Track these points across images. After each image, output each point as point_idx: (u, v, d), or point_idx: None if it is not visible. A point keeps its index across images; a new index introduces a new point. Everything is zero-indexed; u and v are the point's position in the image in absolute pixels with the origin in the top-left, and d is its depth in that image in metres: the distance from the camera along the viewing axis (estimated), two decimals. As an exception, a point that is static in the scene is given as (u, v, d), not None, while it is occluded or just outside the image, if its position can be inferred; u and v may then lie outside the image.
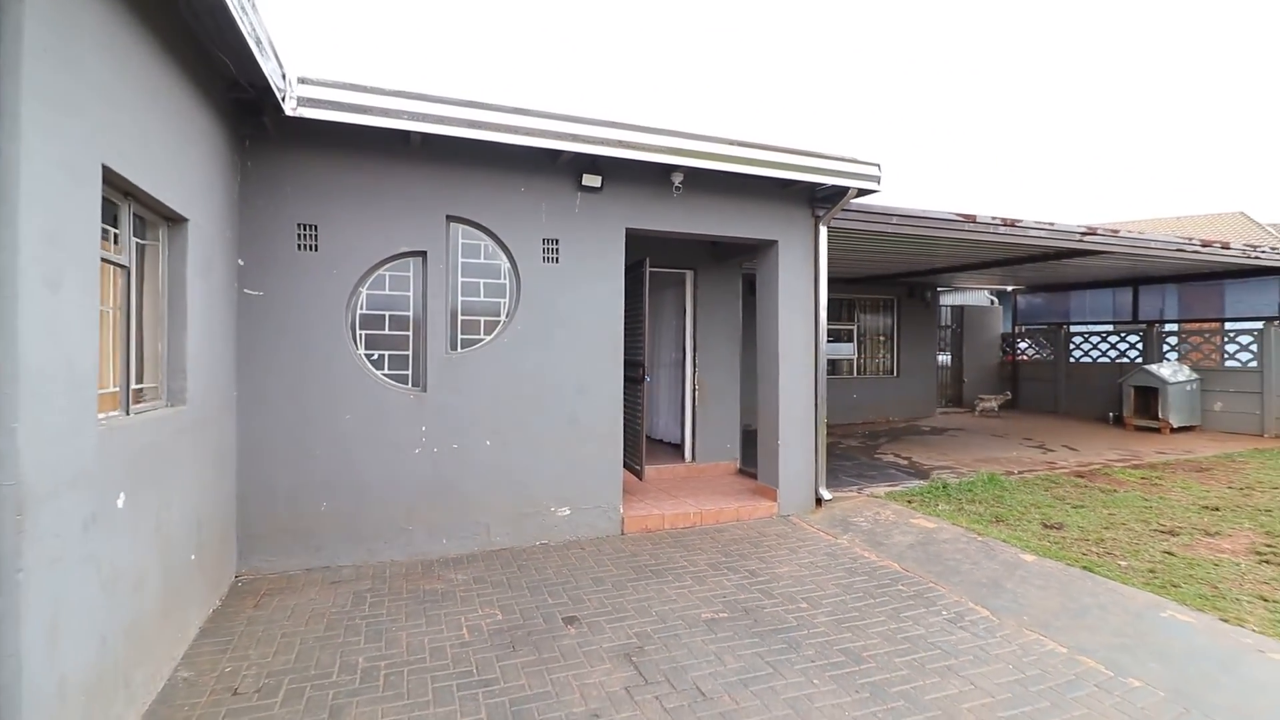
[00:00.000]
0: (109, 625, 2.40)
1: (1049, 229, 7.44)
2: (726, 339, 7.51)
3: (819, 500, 6.01)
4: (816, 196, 5.96)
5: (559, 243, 5.09)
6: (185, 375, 3.26)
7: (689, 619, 3.67)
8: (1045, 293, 14.85)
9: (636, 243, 5.68)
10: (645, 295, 5.81)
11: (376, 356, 4.69)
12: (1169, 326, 12.73)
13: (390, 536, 4.57)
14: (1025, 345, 14.74)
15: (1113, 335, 12.98)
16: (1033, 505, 6.08)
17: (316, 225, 4.43)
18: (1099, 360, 13.13)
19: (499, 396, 4.88)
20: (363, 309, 4.66)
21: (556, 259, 5.09)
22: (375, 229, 4.56)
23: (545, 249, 5.05)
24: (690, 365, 7.42)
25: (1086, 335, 13.52)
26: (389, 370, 4.71)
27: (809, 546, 4.97)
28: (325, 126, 4.20)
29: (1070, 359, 13.62)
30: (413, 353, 4.78)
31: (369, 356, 4.66)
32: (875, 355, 12.81)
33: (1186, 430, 10.81)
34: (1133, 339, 12.59)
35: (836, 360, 12.28)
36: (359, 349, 4.62)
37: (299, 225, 4.40)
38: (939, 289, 13.57)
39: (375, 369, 4.66)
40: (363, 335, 4.66)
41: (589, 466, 5.18)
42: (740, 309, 7.65)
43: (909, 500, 6.23)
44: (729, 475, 7.20)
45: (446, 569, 4.43)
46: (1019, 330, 15.14)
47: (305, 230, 4.41)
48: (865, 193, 5.73)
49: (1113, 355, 12.90)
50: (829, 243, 6.26)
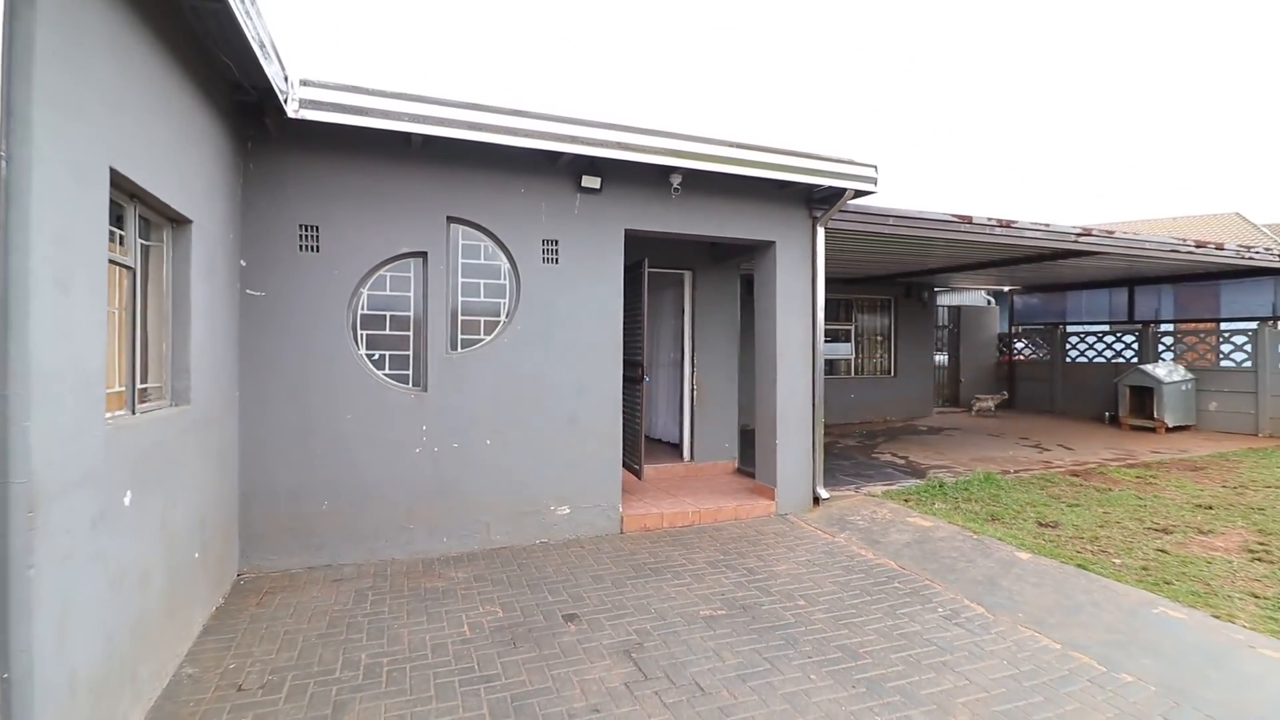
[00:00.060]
0: (116, 622, 2.43)
1: (1044, 230, 7.50)
2: (725, 339, 7.56)
3: (816, 499, 6.06)
4: (814, 198, 6.00)
5: (558, 243, 5.13)
6: (189, 375, 3.29)
7: (688, 616, 3.71)
8: (1042, 293, 14.92)
9: (635, 243, 5.72)
10: (644, 296, 5.85)
11: (377, 356, 4.72)
12: (1164, 326, 12.81)
13: (391, 535, 4.60)
14: (1022, 345, 14.81)
15: (1109, 335, 13.06)
16: (1028, 504, 6.14)
17: (318, 226, 4.47)
18: (1095, 360, 13.21)
19: (499, 396, 4.92)
20: (364, 309, 4.69)
21: (556, 260, 5.12)
22: (376, 230, 4.60)
23: (545, 250, 5.09)
24: (689, 365, 7.46)
25: (1083, 335, 13.59)
26: (390, 370, 4.75)
27: (806, 545, 5.02)
28: (327, 128, 4.23)
29: (1066, 359, 13.69)
30: (413, 353, 4.82)
31: (370, 356, 4.70)
32: (872, 355, 12.86)
33: (1181, 430, 10.88)
34: (1128, 339, 12.67)
35: (834, 360, 12.34)
36: (360, 349, 4.66)
37: (300, 226, 4.43)
38: (936, 289, 13.64)
39: (376, 369, 4.69)
40: (364, 335, 4.69)
41: (588, 466, 5.21)
42: (738, 309, 7.70)
43: (906, 499, 6.28)
44: (727, 474, 7.25)
45: (447, 567, 4.46)
46: (1015, 330, 15.21)
47: (307, 231, 4.44)
48: (862, 194, 5.78)
49: (1109, 355, 12.97)
50: (826, 243, 6.31)
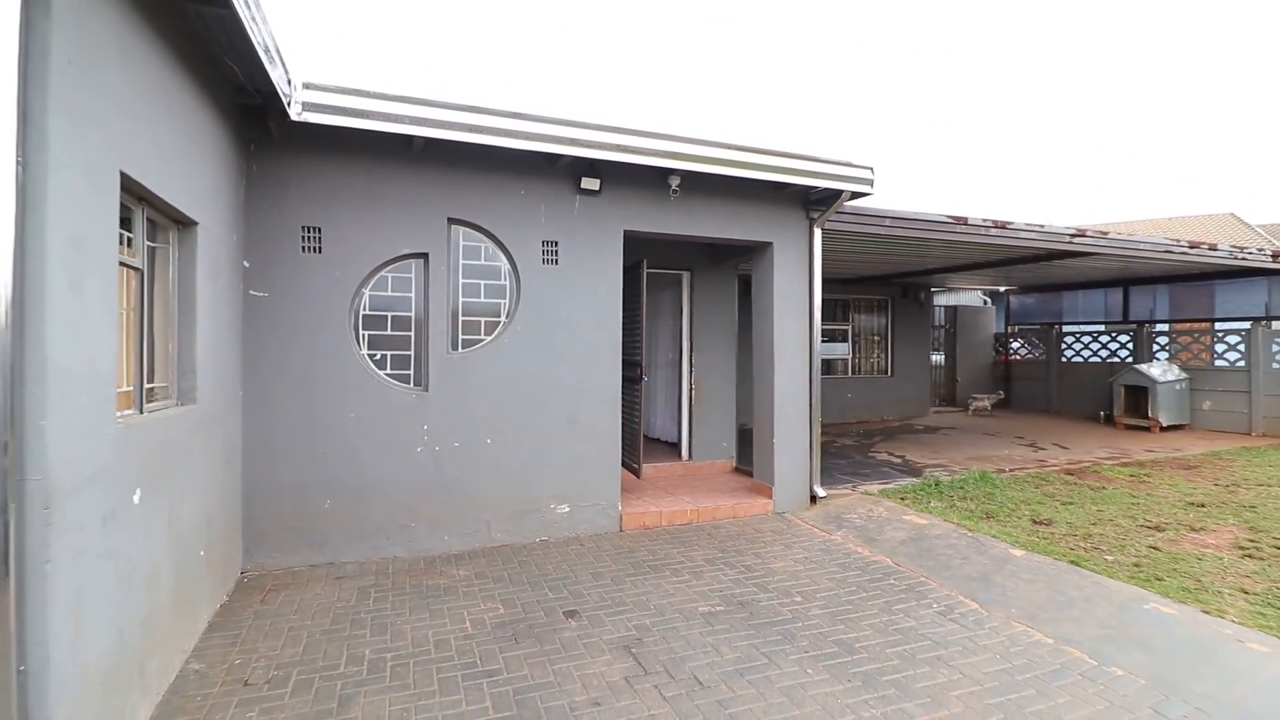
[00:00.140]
0: (126, 617, 2.48)
1: (1039, 231, 7.57)
2: (723, 339, 7.62)
3: (814, 497, 6.12)
4: (811, 199, 6.06)
5: (558, 244, 5.18)
6: (195, 375, 3.34)
7: (687, 612, 3.77)
8: (1038, 293, 15.01)
9: (634, 244, 5.78)
10: (643, 296, 5.91)
11: (379, 356, 4.77)
12: (1159, 326, 12.90)
13: (393, 533, 4.65)
14: (1018, 345, 14.90)
15: (1104, 335, 13.15)
16: (1023, 502, 6.20)
17: (320, 228, 4.51)
18: (1090, 360, 13.30)
19: (499, 396, 4.97)
20: (366, 310, 4.74)
21: (556, 260, 5.18)
22: (378, 231, 4.65)
23: (545, 251, 5.14)
24: (687, 365, 7.52)
25: (1078, 335, 13.68)
26: (391, 370, 4.80)
27: (804, 542, 5.08)
28: (329, 131, 4.28)
29: (1062, 358, 13.78)
30: (415, 353, 4.86)
31: (372, 357, 4.74)
32: (870, 355, 12.93)
33: (1176, 429, 10.96)
34: (1123, 339, 12.76)
35: (831, 360, 12.41)
36: (362, 349, 4.70)
37: (303, 228, 4.47)
38: (932, 289, 13.72)
39: (378, 369, 4.74)
40: (366, 336, 4.74)
41: (588, 465, 5.27)
42: (736, 310, 7.76)
43: (902, 497, 6.35)
44: (725, 473, 7.30)
45: (448, 565, 4.51)
46: (1012, 330, 15.30)
47: (309, 232, 4.49)
48: (858, 195, 5.84)
49: (1104, 355, 13.06)
50: (823, 244, 6.36)
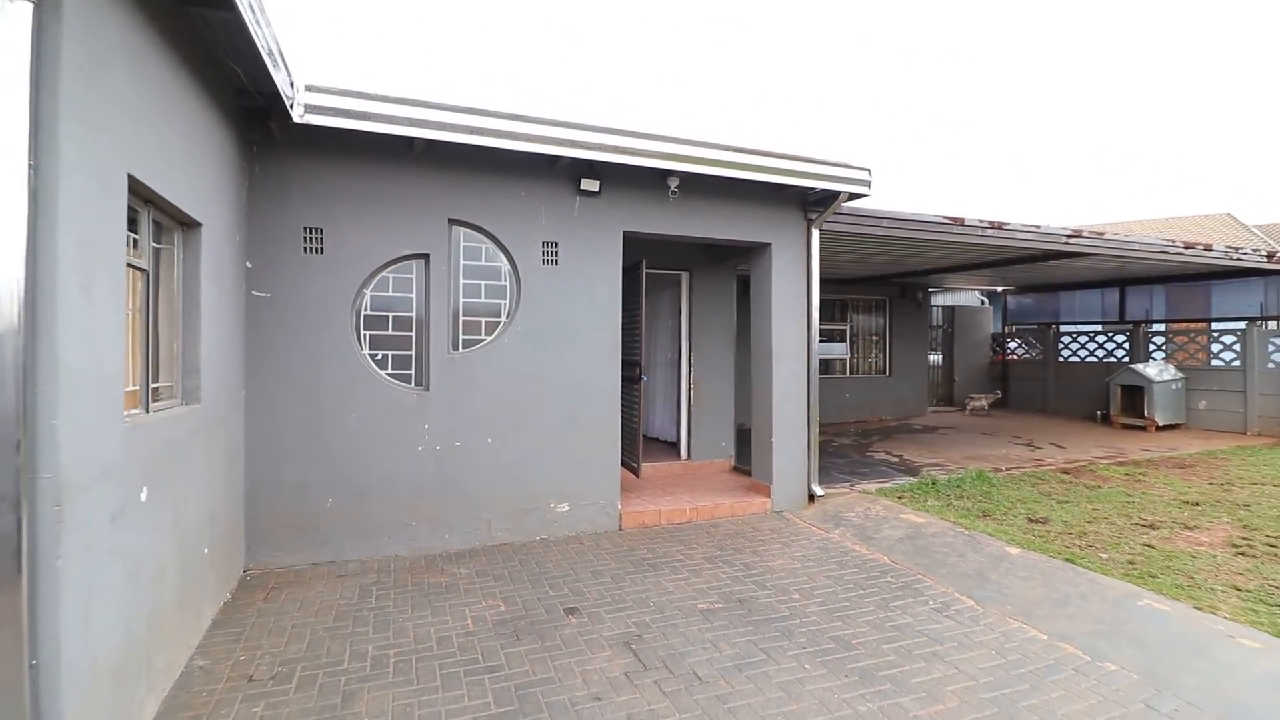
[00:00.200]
0: (134, 613, 2.52)
1: (1035, 231, 7.62)
2: (721, 339, 7.66)
3: (811, 496, 6.16)
4: (809, 200, 6.11)
5: (558, 245, 5.22)
6: (199, 375, 3.38)
7: (686, 609, 3.81)
8: (1035, 293, 15.07)
9: (634, 245, 5.82)
10: (642, 296, 5.95)
11: (381, 356, 4.81)
12: (1156, 326, 12.97)
13: (394, 532, 4.69)
14: (1015, 345, 14.96)
15: (1100, 335, 13.21)
16: (1019, 500, 6.25)
17: (322, 229, 4.55)
18: (1087, 360, 13.36)
19: (500, 395, 5.01)
20: (367, 310, 4.77)
21: (556, 261, 5.21)
22: (379, 232, 4.68)
23: (545, 251, 5.18)
24: (686, 365, 7.56)
25: (1075, 335, 13.74)
26: (393, 370, 4.83)
27: (801, 540, 5.12)
28: (331, 132, 4.32)
29: (1059, 358, 13.84)
30: (416, 353, 4.90)
31: (373, 356, 4.78)
32: (868, 355, 12.98)
33: (1172, 428, 11.02)
34: (1120, 339, 12.82)
35: (829, 360, 12.45)
36: (364, 349, 4.74)
37: (305, 229, 4.51)
38: (930, 290, 13.77)
39: (379, 369, 4.77)
40: (367, 336, 4.77)
41: (587, 464, 5.31)
42: (735, 310, 7.80)
43: (899, 496, 6.39)
44: (724, 472, 7.35)
45: (449, 563, 4.55)
46: (1009, 330, 15.37)
47: (311, 233, 4.53)
48: (856, 197, 5.89)
49: (1100, 355, 13.12)
50: (821, 245, 6.40)
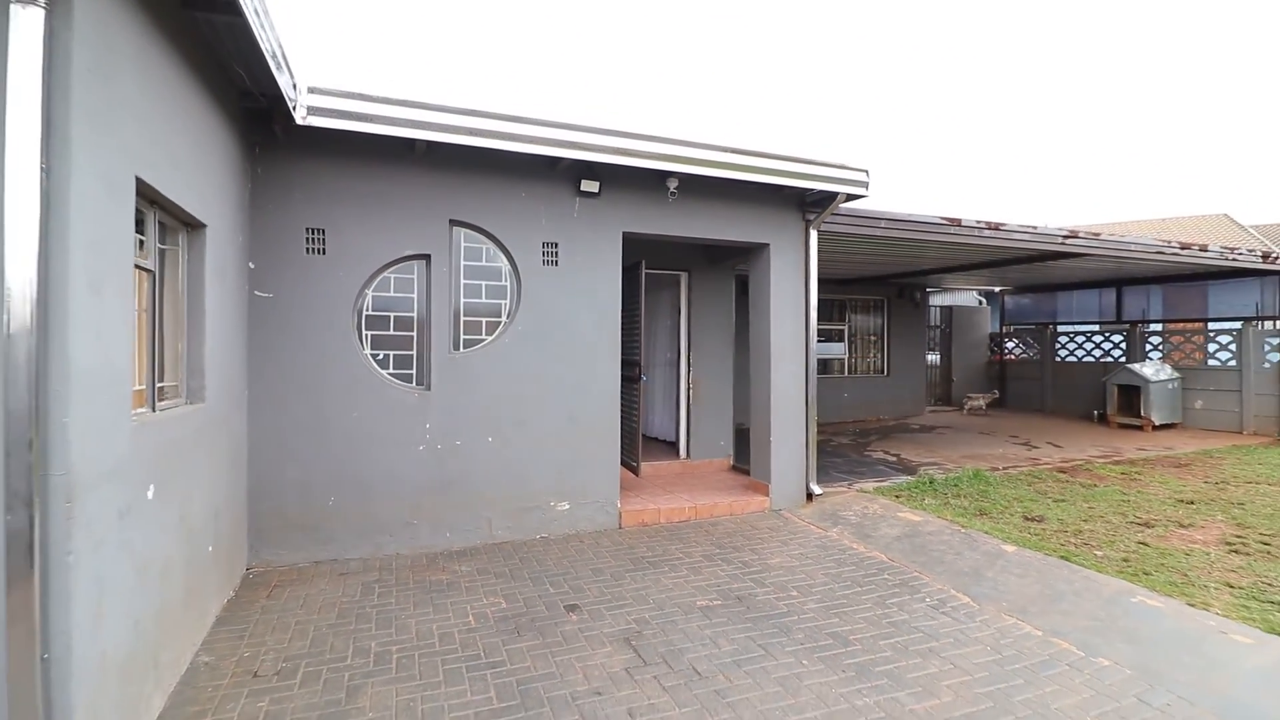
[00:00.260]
0: (141, 609, 2.55)
1: (1032, 232, 7.67)
2: (720, 339, 7.70)
3: (810, 495, 6.20)
4: (807, 201, 6.15)
5: (558, 246, 5.25)
6: (204, 374, 3.41)
7: (685, 606, 3.85)
8: (1032, 293, 15.13)
9: (633, 245, 5.86)
10: (642, 296, 5.99)
11: (382, 356, 4.84)
12: (1152, 326, 13.03)
13: (396, 530, 4.72)
14: (1013, 345, 15.02)
15: (1097, 335, 13.27)
16: (1015, 499, 6.30)
17: (324, 229, 4.58)
18: (1084, 359, 13.42)
19: (500, 395, 5.05)
20: (369, 310, 4.81)
21: (556, 261, 5.25)
22: (381, 233, 4.72)
23: (545, 252, 5.22)
24: (685, 365, 7.60)
25: (1072, 335, 13.81)
26: (394, 370, 4.87)
27: (800, 539, 5.16)
28: (333, 134, 4.35)
29: (1056, 358, 13.90)
30: (417, 352, 4.94)
31: (375, 356, 4.81)
32: (866, 355, 13.03)
33: (1168, 428, 11.08)
34: (1117, 339, 12.88)
35: (828, 360, 12.49)
36: (365, 349, 4.78)
37: (307, 229, 4.54)
38: (928, 290, 13.81)
39: (381, 368, 4.81)
40: (369, 336, 4.81)
41: (587, 463, 5.35)
42: (733, 310, 7.84)
43: (896, 495, 6.44)
44: (722, 471, 7.39)
45: (450, 561, 4.59)
46: (1007, 330, 15.42)
47: (313, 234, 4.56)
48: (854, 197, 5.93)
49: (1097, 355, 13.18)
50: (819, 245, 6.45)
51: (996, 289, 15.27)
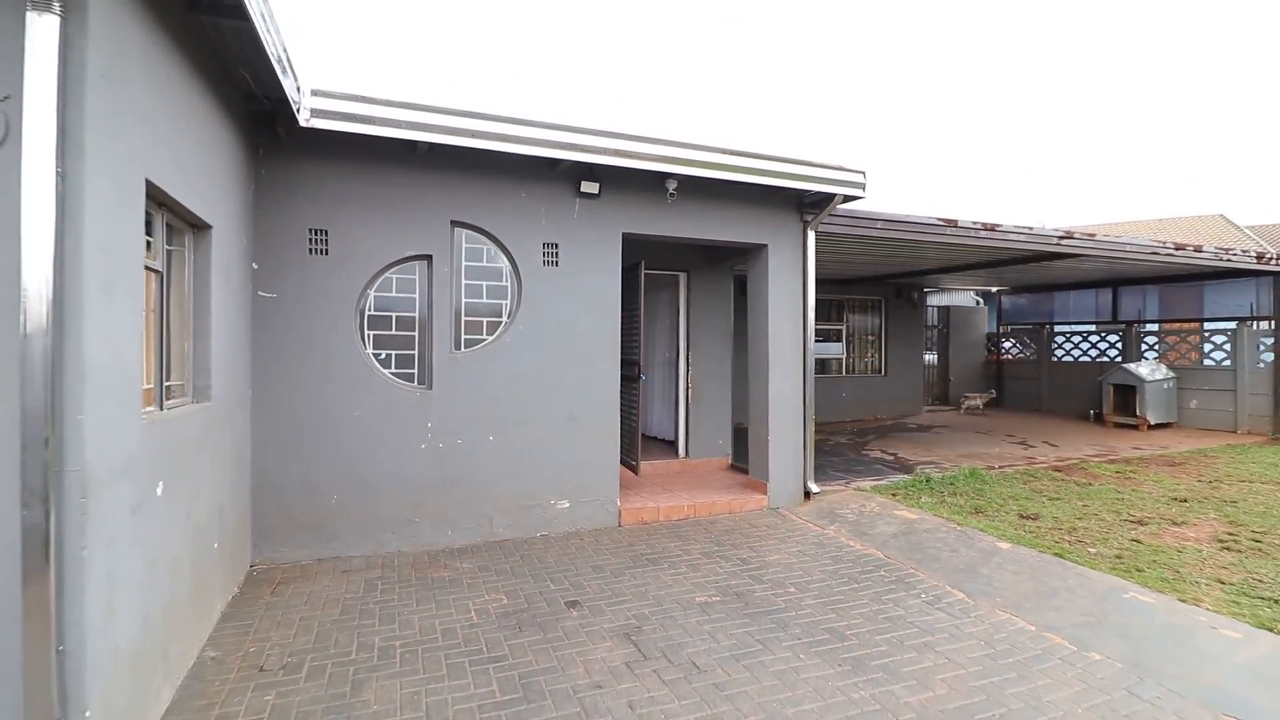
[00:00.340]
0: (151, 604, 2.60)
1: (1028, 233, 7.73)
2: (718, 339, 7.76)
3: (807, 493, 6.26)
4: (804, 202, 6.21)
5: (559, 246, 5.30)
6: (209, 374, 3.46)
7: (684, 602, 3.90)
8: (1029, 293, 15.21)
9: (633, 246, 5.91)
10: (641, 297, 6.04)
11: (384, 356, 4.89)
12: (1148, 326, 13.10)
13: (398, 528, 4.77)
14: (1010, 345, 15.09)
15: (1094, 335, 13.35)
16: (1011, 497, 6.36)
17: (327, 230, 4.63)
18: (1080, 359, 13.49)
19: (501, 394, 5.10)
20: (371, 310, 4.86)
21: (556, 262, 5.30)
22: (383, 234, 4.77)
23: (545, 252, 5.27)
24: (684, 364, 7.66)
25: (1069, 335, 13.88)
26: (396, 369, 4.92)
27: (797, 536, 5.22)
28: (336, 136, 4.40)
29: (1053, 358, 13.97)
30: (418, 352, 4.99)
31: (377, 356, 4.86)
32: (864, 355, 13.09)
33: (1163, 427, 11.15)
34: (1113, 339, 12.95)
35: (826, 359, 12.55)
36: (367, 349, 4.82)
37: (310, 230, 4.59)
38: (926, 290, 13.88)
39: (383, 368, 4.86)
40: (371, 335, 4.86)
41: (587, 461, 5.40)
42: (732, 310, 7.90)
43: (893, 493, 6.50)
44: (721, 470, 7.44)
45: (452, 558, 4.64)
46: (1004, 330, 15.50)
47: (316, 235, 4.61)
48: (851, 198, 5.99)
49: (1094, 354, 13.26)
50: (817, 246, 6.50)
51: (994, 289, 15.34)
